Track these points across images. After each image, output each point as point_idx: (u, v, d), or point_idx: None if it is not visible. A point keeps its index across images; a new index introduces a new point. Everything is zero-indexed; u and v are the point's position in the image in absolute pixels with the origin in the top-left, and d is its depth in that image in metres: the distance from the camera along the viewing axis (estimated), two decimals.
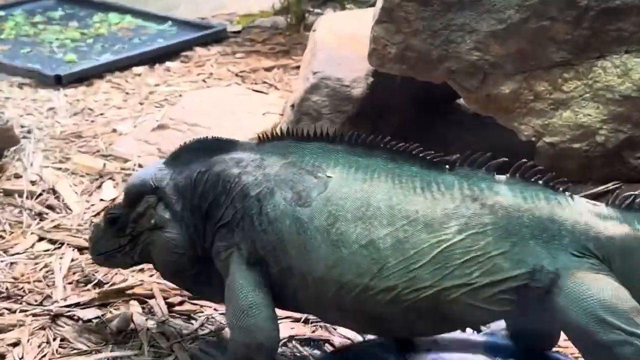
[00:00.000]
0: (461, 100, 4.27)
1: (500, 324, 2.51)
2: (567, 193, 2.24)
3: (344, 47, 3.80)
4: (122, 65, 5.23)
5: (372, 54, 3.47)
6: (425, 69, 3.41)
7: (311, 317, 2.67)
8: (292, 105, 3.72)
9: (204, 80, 5.05)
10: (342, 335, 2.65)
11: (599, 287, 2.10)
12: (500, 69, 3.32)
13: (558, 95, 3.33)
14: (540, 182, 2.23)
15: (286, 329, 2.65)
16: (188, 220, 2.41)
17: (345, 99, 3.61)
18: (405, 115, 3.86)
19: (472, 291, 2.14)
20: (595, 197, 3.36)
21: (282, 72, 5.11)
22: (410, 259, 2.15)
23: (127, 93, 4.89)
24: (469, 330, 2.39)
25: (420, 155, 2.27)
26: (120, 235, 2.54)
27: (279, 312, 2.37)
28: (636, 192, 2.26)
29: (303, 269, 2.24)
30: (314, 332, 2.69)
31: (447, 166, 2.25)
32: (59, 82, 4.95)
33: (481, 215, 2.16)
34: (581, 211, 2.20)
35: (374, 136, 2.31)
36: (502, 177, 2.24)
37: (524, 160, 2.25)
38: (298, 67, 5.11)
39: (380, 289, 2.16)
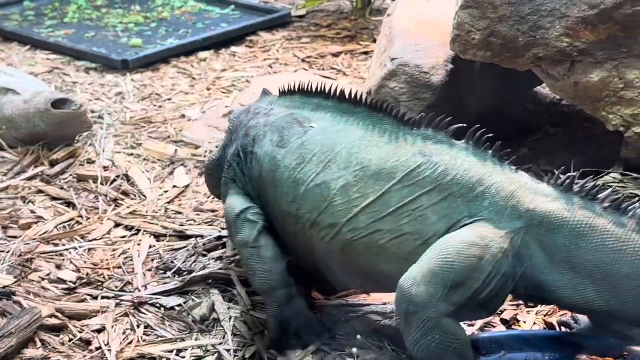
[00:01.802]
0: (539, 89, 4.17)
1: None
2: (512, 165, 2.32)
3: (422, 33, 3.70)
4: (188, 50, 5.22)
5: (455, 40, 3.37)
6: (511, 56, 3.29)
7: None
8: (369, 92, 3.63)
9: (270, 66, 5.00)
10: None
11: (455, 245, 2.16)
12: (590, 57, 3.19)
13: None
14: (490, 150, 2.32)
15: None
16: (222, 151, 2.88)
17: (424, 86, 3.51)
18: (484, 104, 3.75)
19: (399, 238, 2.27)
20: None
21: (349, 58, 5.03)
22: (353, 201, 2.34)
23: (193, 78, 4.85)
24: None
25: (394, 113, 2.46)
26: None
27: None
28: (575, 174, 2.26)
29: (273, 203, 2.53)
30: None
31: (414, 126, 2.41)
32: (125, 67, 4.94)
33: (424, 169, 2.30)
34: (515, 182, 2.26)
35: (359, 94, 2.54)
36: (459, 142, 2.36)
37: (479, 126, 2.36)
38: (366, 53, 5.05)
39: (326, 224, 2.37)
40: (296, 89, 2.70)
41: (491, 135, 2.35)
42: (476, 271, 2.14)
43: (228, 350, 2.53)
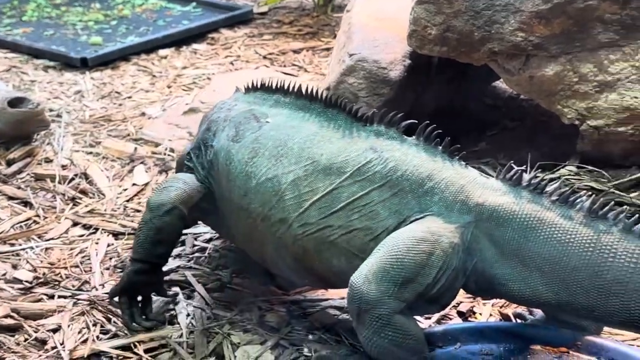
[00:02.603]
0: (497, 83, 4.21)
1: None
2: (461, 160, 2.35)
3: (380, 29, 3.72)
4: (148, 48, 5.19)
5: (412, 36, 3.39)
6: (467, 50, 3.32)
7: None
8: (328, 88, 3.64)
9: (231, 63, 4.99)
10: None
11: (405, 241, 2.17)
12: (544, 51, 3.23)
13: (603, 77, 3.22)
14: (440, 146, 2.34)
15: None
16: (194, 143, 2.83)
17: (382, 81, 3.52)
18: (442, 98, 3.78)
19: (349, 234, 2.28)
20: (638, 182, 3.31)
21: (311, 55, 5.04)
22: (304, 195, 2.35)
23: (154, 76, 4.83)
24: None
25: (348, 109, 2.47)
26: None
27: None
28: (523, 167, 2.32)
29: (227, 196, 2.55)
30: None
31: (367, 122, 2.42)
32: (85, 65, 4.90)
33: (375, 165, 2.32)
34: (464, 177, 2.28)
35: (315, 91, 2.55)
36: (409, 138, 2.38)
37: (428, 122, 2.37)
38: (327, 49, 5.06)
39: (277, 219, 2.38)
40: (258, 86, 2.72)
41: (441, 131, 2.36)
42: (426, 267, 2.15)
43: (180, 343, 2.53)
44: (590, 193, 3.11)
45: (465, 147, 3.62)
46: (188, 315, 2.67)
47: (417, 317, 2.53)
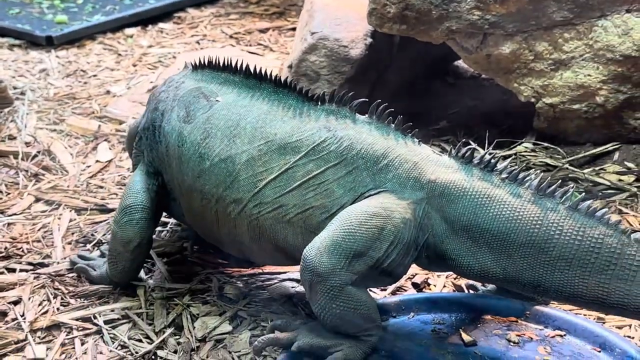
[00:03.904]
0: (459, 62, 4.27)
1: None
2: (414, 138, 2.38)
3: (342, 8, 3.76)
4: (114, 27, 5.20)
5: (371, 14, 3.44)
6: (425, 29, 3.38)
7: None
8: (290, 66, 3.69)
9: (197, 42, 5.02)
10: None
11: (357, 216, 2.20)
12: (500, 29, 3.29)
13: (558, 56, 3.30)
14: (392, 124, 2.38)
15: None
16: (142, 119, 2.82)
17: (343, 59, 3.57)
18: (404, 77, 3.84)
19: (305, 212, 2.31)
20: (594, 158, 3.39)
21: (277, 34, 5.07)
22: (258, 175, 2.38)
23: (119, 55, 4.84)
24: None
25: (298, 89, 2.48)
26: None
27: None
28: (474, 146, 2.40)
29: (179, 178, 2.55)
30: None
31: (318, 102, 2.44)
32: (50, 43, 4.90)
33: (329, 144, 2.34)
34: (417, 154, 2.32)
35: (264, 71, 2.54)
36: (362, 116, 2.41)
37: (380, 101, 2.41)
38: (293, 29, 5.09)
39: (231, 199, 2.41)
40: (206, 64, 2.68)
41: (393, 110, 2.40)
42: (378, 241, 2.19)
43: (139, 315, 2.58)
44: (541, 170, 3.22)
45: (427, 125, 3.72)
46: (148, 287, 2.71)
47: (373, 289, 2.61)
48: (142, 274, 2.76)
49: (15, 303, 2.64)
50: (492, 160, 2.27)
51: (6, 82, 3.94)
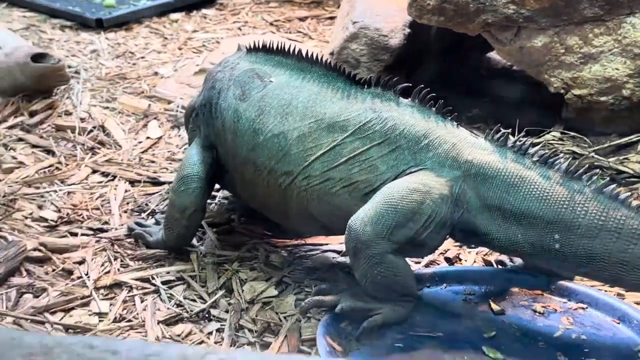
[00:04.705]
0: (491, 54, 4.45)
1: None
2: (453, 121, 2.55)
3: None
4: (160, 12, 5.42)
5: (411, 5, 3.63)
6: (462, 21, 3.56)
7: None
8: (331, 53, 3.88)
9: (239, 28, 5.22)
10: None
11: (399, 190, 2.38)
12: (534, 23, 3.47)
13: (588, 50, 3.47)
14: (433, 108, 2.55)
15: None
16: (198, 99, 3.04)
17: (383, 48, 3.76)
18: (439, 66, 4.02)
19: (350, 186, 2.50)
20: (618, 148, 3.56)
21: (315, 22, 5.27)
22: (308, 150, 2.57)
23: (165, 38, 5.06)
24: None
25: (347, 73, 2.67)
26: None
27: None
28: (509, 130, 2.54)
29: (233, 151, 2.75)
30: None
31: (365, 85, 2.62)
32: (100, 25, 5.13)
33: (374, 124, 2.52)
34: (456, 136, 2.49)
35: (316, 54, 2.74)
36: (405, 99, 2.59)
37: (422, 86, 2.58)
38: (331, 18, 5.29)
39: (282, 171, 2.60)
40: (260, 47, 2.88)
41: (435, 94, 2.57)
42: (417, 214, 2.36)
43: (193, 277, 2.79)
44: (570, 156, 3.40)
45: (459, 112, 3.87)
46: (200, 253, 2.93)
47: (408, 260, 2.81)
48: (194, 241, 2.98)
49: (80, 263, 2.86)
50: (525, 145, 2.45)
51: (63, 61, 4.16)
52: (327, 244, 2.99)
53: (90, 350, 1.37)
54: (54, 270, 2.82)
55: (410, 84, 2.63)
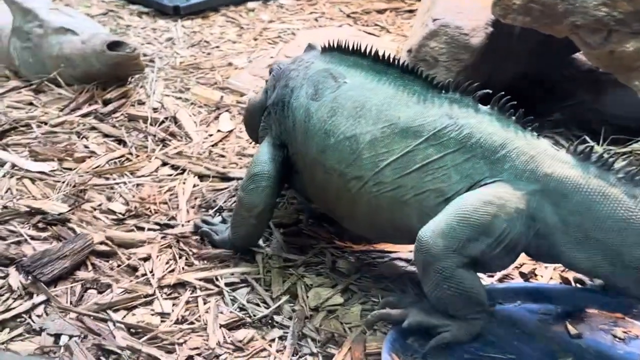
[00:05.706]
0: (576, 55, 4.26)
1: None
2: (534, 132, 2.43)
3: None
4: (237, 0, 5.36)
5: (496, 4, 3.47)
6: (549, 22, 3.39)
7: None
8: (409, 50, 3.76)
9: (316, 20, 5.14)
10: None
11: (473, 202, 2.28)
12: (626, 27, 3.28)
13: None
14: (513, 117, 2.43)
15: None
16: (263, 95, 3.03)
17: (463, 47, 3.62)
18: (521, 67, 3.86)
19: (421, 194, 2.41)
20: None
21: (394, 15, 5.14)
22: (380, 156, 2.48)
23: (241, 28, 5.02)
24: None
25: (424, 76, 2.57)
26: None
27: None
28: (592, 144, 2.38)
29: (303, 151, 2.68)
30: None
31: (442, 90, 2.52)
32: (177, 13, 5.12)
33: (450, 131, 2.43)
34: (535, 147, 2.37)
35: (392, 56, 2.65)
36: (484, 107, 2.48)
37: (503, 93, 2.47)
38: (410, 11, 5.16)
39: (353, 176, 2.52)
40: (335, 46, 2.80)
41: (515, 102, 2.45)
42: (490, 228, 2.26)
43: (257, 280, 2.73)
44: None
45: (540, 116, 3.73)
46: (265, 255, 2.87)
47: (480, 275, 2.70)
48: (260, 242, 2.92)
49: (145, 260, 2.84)
50: (610, 160, 2.31)
51: (139, 49, 4.15)
52: (396, 252, 2.90)
53: None
54: (119, 265, 2.80)
55: (490, 91, 2.51)
